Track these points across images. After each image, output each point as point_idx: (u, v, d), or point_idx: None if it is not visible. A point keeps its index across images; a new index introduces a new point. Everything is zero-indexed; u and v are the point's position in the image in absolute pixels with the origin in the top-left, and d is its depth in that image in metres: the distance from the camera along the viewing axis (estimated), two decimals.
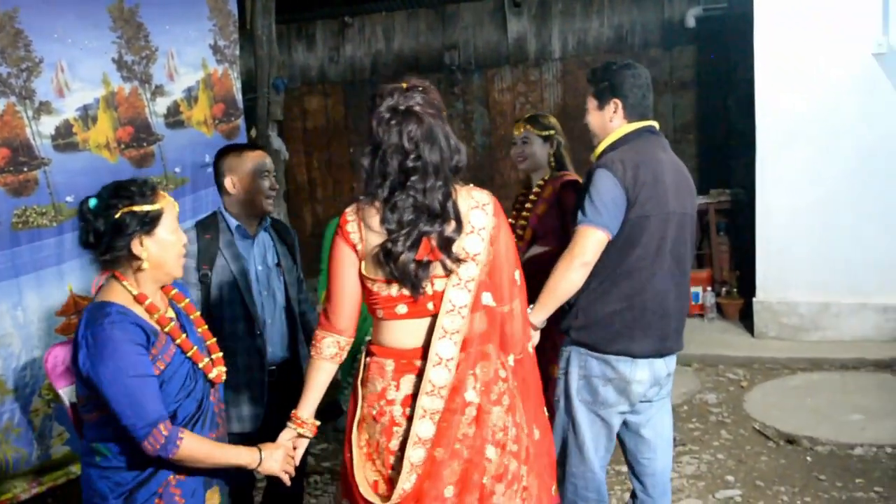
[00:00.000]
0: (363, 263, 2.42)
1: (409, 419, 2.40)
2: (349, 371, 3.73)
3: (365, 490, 2.41)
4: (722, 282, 7.35)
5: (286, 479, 2.57)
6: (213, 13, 5.77)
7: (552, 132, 3.84)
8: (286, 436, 2.57)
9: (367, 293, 2.47)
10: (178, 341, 2.44)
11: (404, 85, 2.41)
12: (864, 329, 6.24)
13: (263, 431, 3.19)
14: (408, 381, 2.44)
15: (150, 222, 2.38)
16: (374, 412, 2.46)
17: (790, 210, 6.37)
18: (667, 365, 3.14)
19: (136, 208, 2.36)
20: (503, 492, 2.43)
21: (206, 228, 3.34)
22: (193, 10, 5.63)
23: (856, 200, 6.20)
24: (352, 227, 2.42)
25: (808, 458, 4.58)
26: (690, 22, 8.05)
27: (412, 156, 2.34)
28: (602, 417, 3.08)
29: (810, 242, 6.34)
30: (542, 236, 3.74)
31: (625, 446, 3.26)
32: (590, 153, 3.24)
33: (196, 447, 2.37)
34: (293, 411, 2.58)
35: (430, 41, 9.20)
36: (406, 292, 2.39)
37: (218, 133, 5.84)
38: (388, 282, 2.39)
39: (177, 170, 5.42)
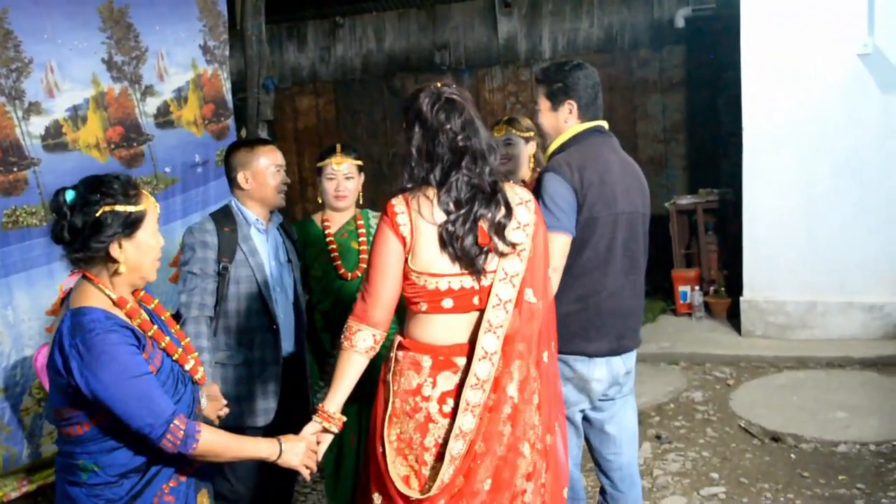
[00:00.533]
0: (410, 256, 2.40)
1: (446, 416, 2.42)
2: (320, 376, 3.73)
3: (400, 485, 2.41)
4: (710, 281, 7.40)
5: (306, 474, 2.50)
6: (203, 14, 5.79)
7: (532, 133, 3.81)
8: (311, 429, 2.50)
9: (409, 287, 2.44)
10: (162, 345, 2.34)
11: (439, 84, 2.49)
12: (851, 328, 6.29)
13: (273, 425, 3.27)
14: (444, 378, 2.45)
15: (131, 224, 2.23)
16: (409, 408, 2.45)
17: (777, 210, 6.43)
18: (625, 363, 3.17)
19: (118, 208, 2.21)
20: (532, 490, 2.48)
21: (224, 221, 3.34)
22: (183, 10, 5.65)
23: (842, 200, 6.25)
24: (402, 218, 2.40)
25: (793, 456, 4.63)
26: (680, 22, 8.09)
27: (461, 136, 2.39)
28: (566, 416, 3.11)
29: (797, 242, 6.39)
30: None
31: (590, 444, 3.28)
32: None
33: (215, 439, 2.28)
34: (320, 405, 2.52)
35: (421, 41, 9.23)
36: (457, 286, 2.40)
37: (208, 133, 5.86)
38: (438, 276, 2.40)
39: (167, 170, 5.44)
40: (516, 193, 2.50)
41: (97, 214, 2.18)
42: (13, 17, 4.48)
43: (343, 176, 3.69)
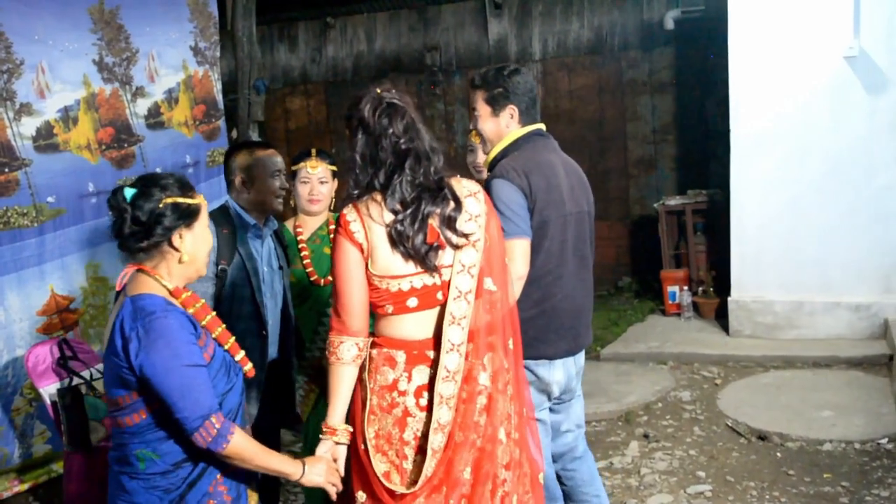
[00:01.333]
0: (370, 261, 2.44)
1: (423, 409, 2.47)
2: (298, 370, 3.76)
3: (384, 480, 2.44)
4: (699, 281, 7.45)
5: (332, 492, 2.51)
6: (194, 15, 5.82)
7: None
8: (323, 448, 2.51)
9: (373, 291, 2.47)
10: (215, 335, 2.41)
11: (378, 90, 2.51)
12: (837, 327, 6.35)
13: (253, 429, 3.26)
14: (419, 372, 2.49)
15: (190, 215, 2.36)
16: (386, 404, 2.49)
17: (765, 211, 6.48)
18: (576, 362, 3.26)
19: (178, 200, 2.34)
20: (511, 479, 2.53)
21: (222, 222, 3.28)
22: (174, 11, 5.68)
23: (829, 201, 6.31)
24: (355, 226, 2.44)
25: (779, 454, 4.67)
26: (669, 24, 8.13)
27: (403, 140, 2.44)
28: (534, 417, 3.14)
29: (784, 242, 6.44)
30: None
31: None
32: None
33: (245, 445, 2.31)
34: (323, 422, 2.52)
35: (412, 42, 9.26)
36: (419, 285, 2.45)
37: (199, 134, 5.89)
38: (398, 277, 2.44)
39: (158, 170, 5.45)
40: (464, 186, 2.55)
41: (160, 206, 2.31)
42: (4, 19, 4.51)
43: (317, 180, 3.69)
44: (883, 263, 6.26)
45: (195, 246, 2.39)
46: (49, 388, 4.01)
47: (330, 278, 3.60)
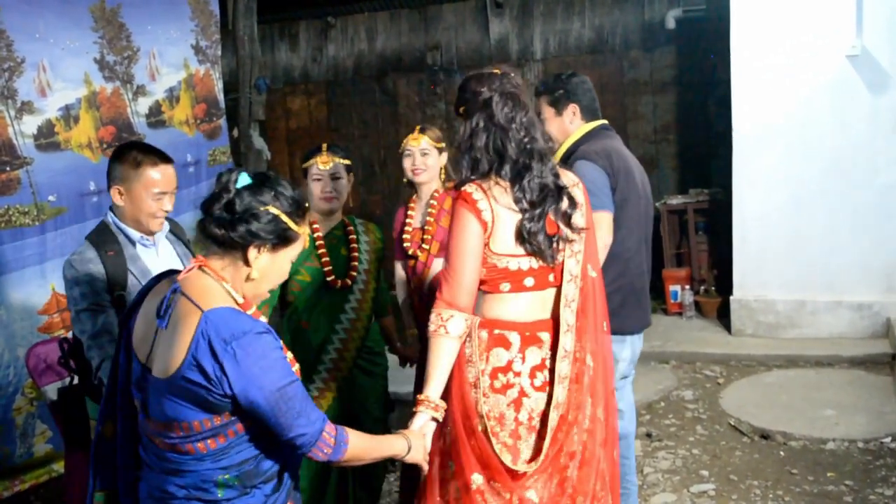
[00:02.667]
0: (491, 239, 2.49)
1: (538, 389, 2.52)
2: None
3: (506, 461, 2.46)
4: (700, 280, 7.44)
5: (426, 467, 2.49)
6: (195, 13, 5.81)
7: (444, 144, 3.75)
8: (421, 420, 2.48)
9: (489, 269, 2.51)
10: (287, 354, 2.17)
11: (497, 71, 2.62)
12: (840, 326, 6.34)
13: None
14: (532, 353, 2.54)
15: (283, 239, 2.10)
16: (500, 385, 2.52)
17: (766, 210, 6.47)
18: (640, 340, 3.51)
19: (282, 216, 2.08)
20: (604, 457, 2.61)
21: (105, 243, 2.96)
22: (175, 10, 5.68)
23: (831, 200, 6.30)
24: (483, 204, 2.47)
25: (782, 453, 4.66)
26: (670, 23, 8.12)
27: (527, 139, 2.52)
28: None
29: (786, 241, 6.44)
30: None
31: None
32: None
33: (360, 443, 2.22)
34: (420, 395, 2.49)
35: (413, 41, 9.24)
36: (535, 265, 2.51)
37: (200, 133, 5.88)
38: (518, 256, 2.50)
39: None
40: (568, 177, 2.64)
41: (261, 209, 2.06)
42: (5, 17, 4.49)
43: (330, 176, 3.55)
44: (885, 262, 6.26)
45: (268, 271, 2.13)
46: (50, 388, 4.01)
47: (349, 281, 3.57)
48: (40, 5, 4.70)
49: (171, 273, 2.23)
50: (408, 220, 3.79)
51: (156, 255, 3.07)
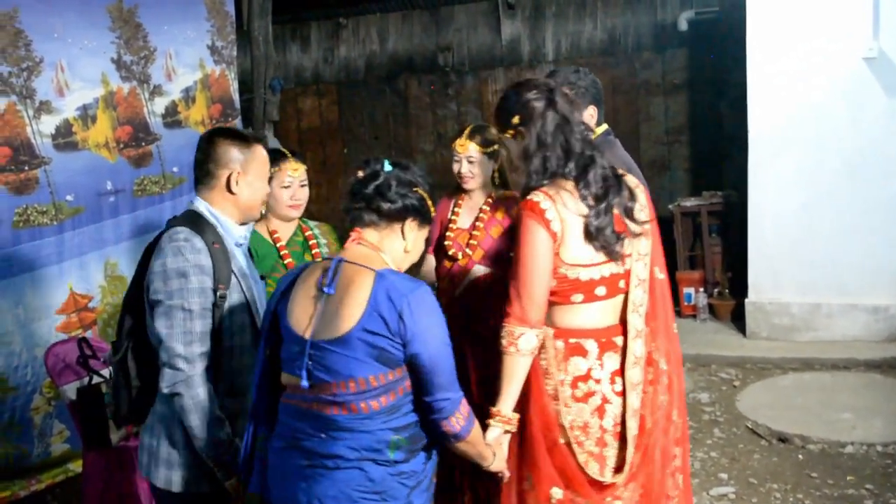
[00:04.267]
0: (561, 250, 2.45)
1: (619, 395, 2.51)
2: None
3: (593, 471, 2.47)
4: (714, 283, 7.41)
5: (507, 475, 2.49)
6: (211, 14, 5.81)
7: (496, 147, 3.52)
8: (494, 433, 2.46)
9: (561, 281, 2.47)
10: None
11: (545, 77, 2.72)
12: (855, 329, 6.31)
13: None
14: (609, 359, 2.53)
15: (427, 220, 2.31)
16: (581, 393, 2.50)
17: (782, 212, 6.44)
18: None
19: (427, 199, 2.29)
20: (680, 454, 2.63)
21: (208, 234, 2.57)
22: (191, 10, 5.67)
23: (846, 203, 6.27)
24: (551, 213, 2.43)
25: (800, 457, 4.65)
26: (683, 25, 8.11)
27: (586, 132, 2.53)
28: None
29: (801, 244, 6.41)
30: (493, 260, 3.57)
31: None
32: None
33: (479, 430, 2.26)
34: (494, 408, 2.46)
35: (425, 42, 9.24)
36: (606, 274, 2.49)
37: None
38: (589, 266, 2.47)
39: (174, 169, 5.45)
40: (628, 177, 2.64)
41: (412, 190, 2.25)
42: (24, 16, 4.49)
43: (299, 183, 3.41)
44: None
45: (415, 246, 2.31)
46: (69, 387, 4.00)
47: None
48: (58, 5, 4.69)
49: (310, 265, 2.33)
50: (452, 218, 3.72)
51: (244, 256, 2.78)
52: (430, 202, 2.29)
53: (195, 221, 2.58)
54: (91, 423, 3.92)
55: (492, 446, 2.38)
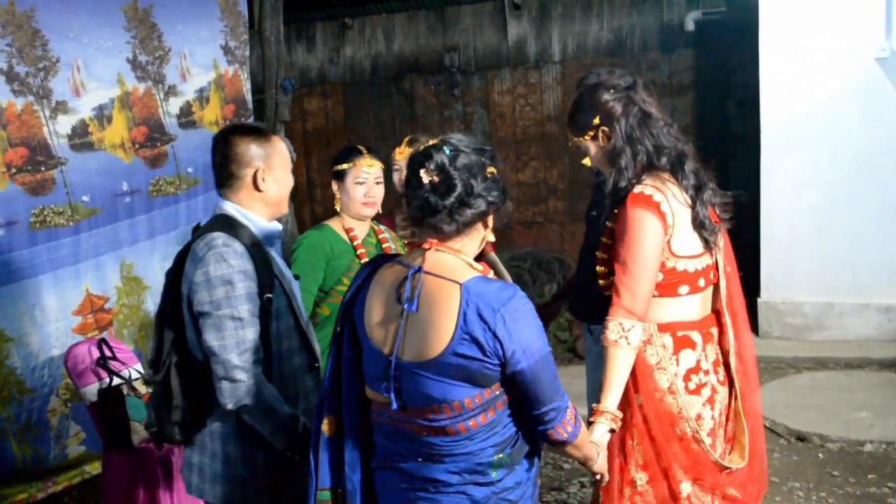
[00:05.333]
0: (671, 242, 2.48)
1: (723, 384, 2.58)
2: None
3: (724, 459, 2.54)
4: None
5: (608, 477, 2.43)
6: (224, 14, 5.79)
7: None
8: (600, 431, 2.42)
9: (668, 274, 2.49)
10: None
11: (601, 75, 2.71)
12: (867, 329, 6.32)
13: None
14: (710, 349, 2.58)
15: (504, 196, 2.04)
16: (693, 385, 2.53)
17: (794, 211, 6.45)
18: None
19: (497, 176, 2.03)
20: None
21: (244, 237, 2.44)
22: (205, 10, 5.65)
23: (859, 202, 6.28)
24: (665, 206, 2.46)
25: (820, 455, 4.64)
26: (689, 25, 8.10)
27: (670, 127, 2.56)
28: None
29: (814, 243, 6.42)
30: None
31: None
32: None
33: (584, 431, 2.18)
34: (599, 405, 2.43)
35: (431, 43, 9.22)
36: (701, 266, 2.53)
37: None
38: (693, 257, 2.51)
39: (189, 170, 5.43)
40: None
41: (487, 175, 2.00)
42: (40, 16, 4.46)
43: (374, 180, 3.39)
44: None
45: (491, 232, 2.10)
46: (89, 389, 3.98)
47: None
48: (74, 4, 4.67)
49: (385, 258, 2.17)
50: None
51: (278, 254, 2.65)
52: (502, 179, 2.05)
53: (229, 225, 2.44)
54: (112, 424, 3.91)
55: (597, 445, 2.35)
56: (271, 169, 2.52)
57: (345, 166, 3.43)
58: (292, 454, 2.43)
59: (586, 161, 2.74)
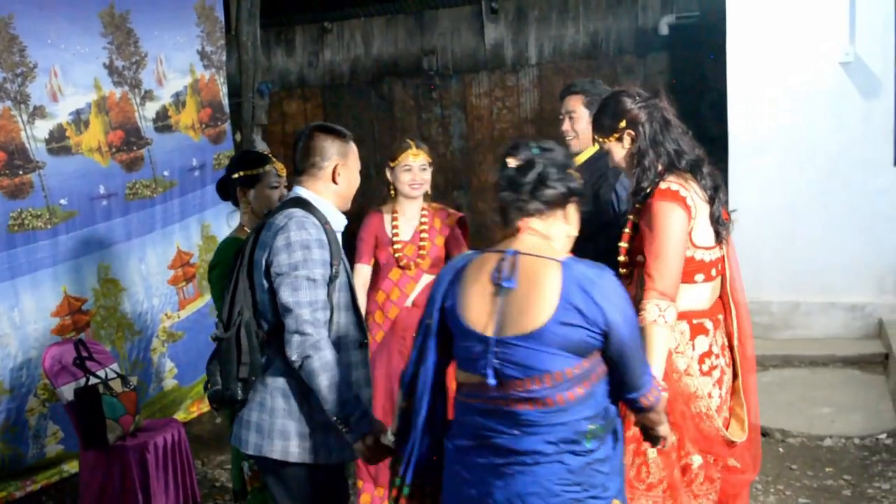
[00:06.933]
0: (694, 231, 2.75)
1: (728, 366, 2.87)
2: None
3: (731, 432, 2.81)
4: None
5: (672, 438, 2.60)
6: (201, 19, 5.88)
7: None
8: (664, 399, 2.57)
9: (688, 263, 2.74)
10: None
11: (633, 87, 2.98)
12: (833, 327, 6.45)
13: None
14: (719, 335, 2.86)
15: (583, 195, 2.29)
16: (706, 368, 2.81)
17: (762, 213, 6.55)
18: None
19: (581, 180, 2.30)
20: None
21: (318, 216, 2.74)
22: (181, 16, 5.75)
23: (824, 204, 6.41)
24: (690, 200, 2.73)
25: (781, 449, 4.77)
26: (664, 29, 8.22)
27: (687, 133, 2.86)
28: None
29: (781, 244, 6.54)
30: (438, 267, 3.62)
31: None
32: None
33: (664, 397, 2.39)
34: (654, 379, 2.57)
35: (409, 46, 9.31)
36: (713, 257, 2.80)
37: (205, 137, 5.94)
38: (709, 248, 2.78)
39: (165, 173, 5.52)
40: None
41: (568, 172, 2.25)
42: (18, 23, 4.56)
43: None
44: (878, 264, 6.37)
45: (577, 226, 2.30)
46: (66, 388, 4.06)
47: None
48: (52, 11, 4.77)
49: (475, 253, 2.31)
50: (395, 231, 3.94)
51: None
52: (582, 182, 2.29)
53: (306, 205, 2.75)
54: (89, 423, 4.00)
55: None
56: (346, 166, 2.84)
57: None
58: (337, 420, 2.59)
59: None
